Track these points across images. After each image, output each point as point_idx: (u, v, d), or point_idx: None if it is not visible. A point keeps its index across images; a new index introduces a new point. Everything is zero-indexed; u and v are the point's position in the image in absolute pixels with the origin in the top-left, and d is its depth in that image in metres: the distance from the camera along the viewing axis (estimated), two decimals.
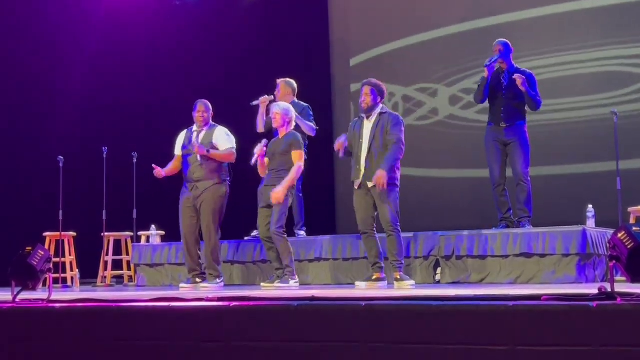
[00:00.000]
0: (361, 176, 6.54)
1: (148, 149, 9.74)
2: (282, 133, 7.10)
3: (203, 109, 7.43)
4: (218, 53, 11.18)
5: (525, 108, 7.32)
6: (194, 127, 7.49)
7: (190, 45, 11.13)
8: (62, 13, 10.51)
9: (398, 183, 6.55)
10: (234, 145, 7.43)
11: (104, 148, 9.15)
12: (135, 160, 9.33)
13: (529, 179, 7.21)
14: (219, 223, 7.36)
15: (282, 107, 7.16)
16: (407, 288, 6.27)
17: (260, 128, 8.01)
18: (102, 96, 10.65)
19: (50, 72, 10.37)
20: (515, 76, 7.12)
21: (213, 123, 7.50)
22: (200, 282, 7.29)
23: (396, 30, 11.06)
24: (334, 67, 11.60)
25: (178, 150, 7.57)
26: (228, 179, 7.45)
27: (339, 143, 6.68)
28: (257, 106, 8.00)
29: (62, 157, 8.80)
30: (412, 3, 11.08)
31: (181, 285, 7.38)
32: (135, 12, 11.02)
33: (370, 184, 6.49)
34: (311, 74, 10.99)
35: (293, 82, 8.10)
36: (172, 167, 7.57)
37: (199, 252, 7.42)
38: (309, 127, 7.87)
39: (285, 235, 6.91)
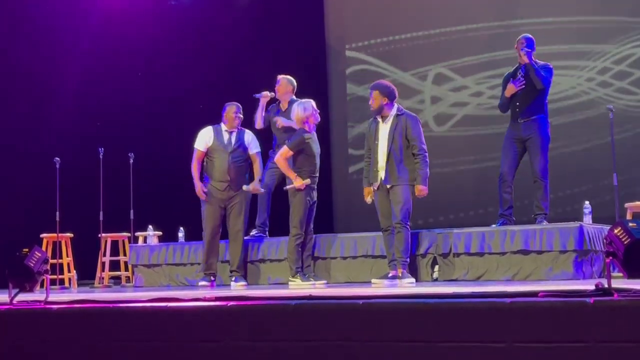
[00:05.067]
0: (379, 179, 6.73)
1: (144, 150, 9.74)
2: None
3: (239, 110, 7.55)
4: (213, 52, 11.15)
5: (546, 101, 7.28)
6: (224, 127, 7.53)
7: (186, 45, 11.10)
8: (58, 13, 10.49)
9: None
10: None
11: (100, 149, 9.12)
12: (131, 161, 9.31)
13: (547, 175, 7.17)
14: (247, 223, 7.56)
15: (302, 107, 7.22)
16: (407, 286, 6.40)
17: (259, 124, 8.01)
18: (99, 97, 10.63)
19: (46, 73, 10.35)
20: (520, 53, 7.12)
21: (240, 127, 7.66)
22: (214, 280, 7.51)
23: (394, 20, 11.04)
24: (332, 63, 11.55)
25: (203, 147, 7.53)
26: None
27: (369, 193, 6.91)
28: (258, 100, 7.98)
29: (58, 159, 8.79)
30: None
31: (201, 283, 7.50)
32: (130, 13, 10.99)
33: (388, 185, 6.69)
34: (310, 69, 10.95)
35: (293, 80, 8.08)
36: (199, 166, 7.56)
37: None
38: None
39: (300, 240, 7.06)
